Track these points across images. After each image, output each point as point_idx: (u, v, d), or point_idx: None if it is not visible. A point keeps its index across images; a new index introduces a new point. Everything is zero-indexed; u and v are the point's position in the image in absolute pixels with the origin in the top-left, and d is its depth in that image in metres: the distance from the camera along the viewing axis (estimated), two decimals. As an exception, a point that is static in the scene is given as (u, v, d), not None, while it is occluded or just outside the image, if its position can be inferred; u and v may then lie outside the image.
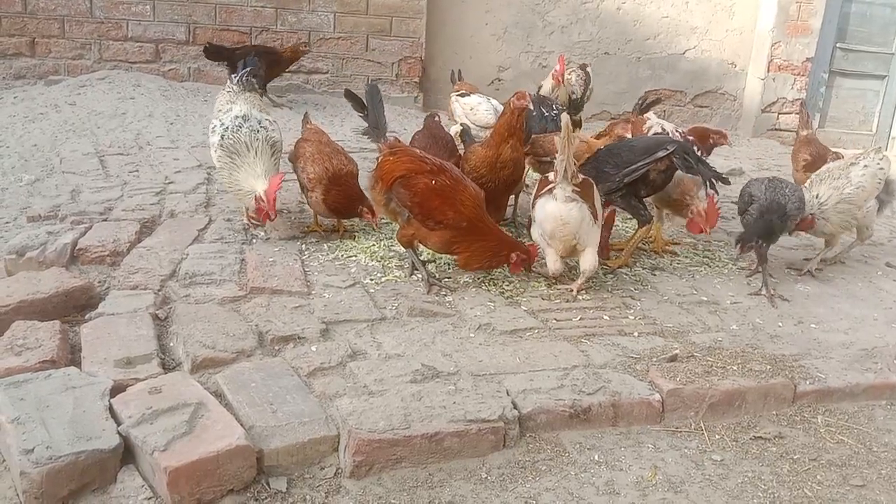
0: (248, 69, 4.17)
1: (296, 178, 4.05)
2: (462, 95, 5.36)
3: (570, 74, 6.06)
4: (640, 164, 3.72)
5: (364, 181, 3.86)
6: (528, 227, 3.75)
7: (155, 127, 5.66)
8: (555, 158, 3.47)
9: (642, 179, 3.77)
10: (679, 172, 3.81)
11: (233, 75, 4.18)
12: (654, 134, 4.38)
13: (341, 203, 3.81)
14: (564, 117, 3.35)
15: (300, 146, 4.03)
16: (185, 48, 6.92)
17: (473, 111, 5.16)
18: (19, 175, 4.54)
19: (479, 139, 4.75)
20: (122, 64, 6.81)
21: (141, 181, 4.51)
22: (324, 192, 3.78)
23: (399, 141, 3.81)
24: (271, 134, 3.87)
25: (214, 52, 6.34)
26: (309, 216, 4.22)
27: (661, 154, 3.70)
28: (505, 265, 3.51)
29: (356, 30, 7.19)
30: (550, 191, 3.42)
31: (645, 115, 4.80)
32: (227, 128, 3.81)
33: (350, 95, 4.10)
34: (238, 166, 3.76)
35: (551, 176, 3.48)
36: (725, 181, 3.82)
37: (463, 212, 3.38)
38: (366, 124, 3.99)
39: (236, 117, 3.85)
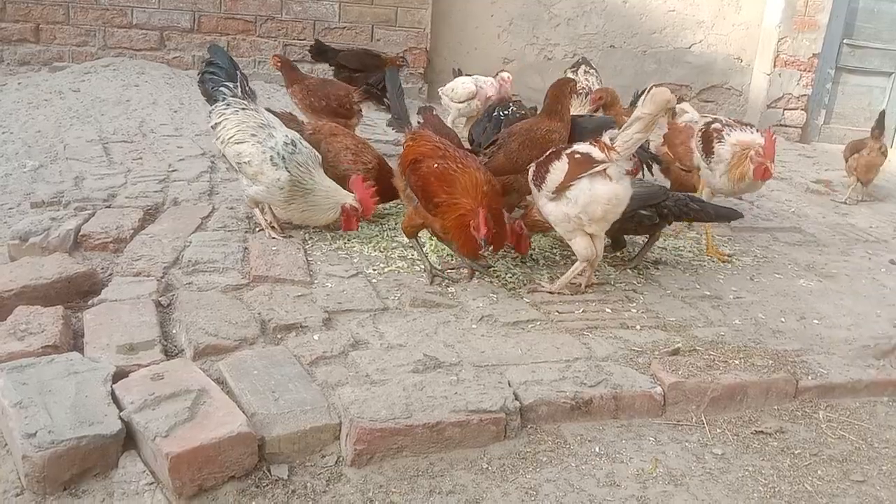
0: (243, 75, 3.90)
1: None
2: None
3: (587, 78, 5.96)
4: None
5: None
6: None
7: (159, 115, 5.66)
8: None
9: None
10: None
11: (230, 84, 3.79)
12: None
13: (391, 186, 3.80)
14: (658, 90, 3.16)
15: (331, 141, 4.03)
16: (190, 36, 6.91)
17: (454, 91, 5.30)
18: (23, 161, 4.54)
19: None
20: (126, 51, 6.81)
21: (144, 168, 4.50)
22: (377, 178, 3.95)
23: (424, 129, 3.77)
24: (316, 152, 3.73)
25: (319, 53, 6.29)
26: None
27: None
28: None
29: (361, 20, 7.17)
30: (591, 171, 3.21)
31: (680, 107, 4.79)
32: (285, 158, 3.56)
33: (368, 90, 4.06)
34: (311, 190, 3.61)
35: (594, 153, 3.24)
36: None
37: (454, 195, 3.24)
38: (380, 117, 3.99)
39: (286, 144, 3.60)
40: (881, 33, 8.28)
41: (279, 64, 5.18)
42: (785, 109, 8.25)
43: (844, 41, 8.22)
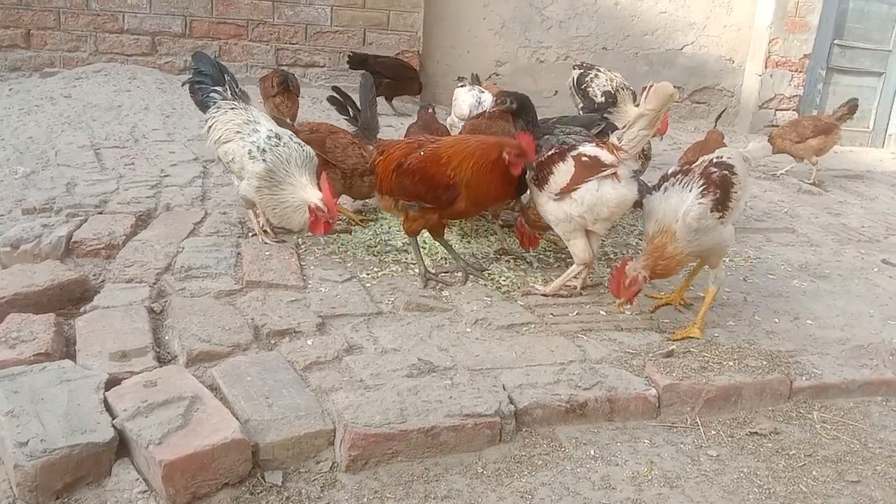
0: (232, 76, 3.87)
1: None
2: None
3: (614, 76, 5.89)
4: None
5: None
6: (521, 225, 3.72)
7: (151, 120, 5.64)
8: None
9: None
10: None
11: (219, 87, 3.77)
12: None
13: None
14: (660, 84, 3.10)
15: (335, 138, 4.00)
16: (182, 41, 6.89)
17: (454, 101, 5.34)
18: (14, 167, 4.51)
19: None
20: (117, 56, 6.78)
21: (137, 174, 4.49)
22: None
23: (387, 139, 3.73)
24: (307, 148, 3.60)
25: (358, 62, 6.54)
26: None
27: (594, 131, 3.86)
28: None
29: (353, 23, 7.16)
30: (601, 175, 3.18)
31: None
32: (265, 150, 3.47)
33: (334, 100, 3.98)
34: (279, 182, 3.46)
35: (602, 156, 3.20)
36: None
37: (452, 158, 3.25)
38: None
39: (269, 137, 3.51)
40: (871, 34, 8.33)
41: None
42: (777, 110, 8.29)
43: (835, 42, 8.27)
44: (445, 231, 3.69)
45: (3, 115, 5.47)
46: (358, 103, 4.17)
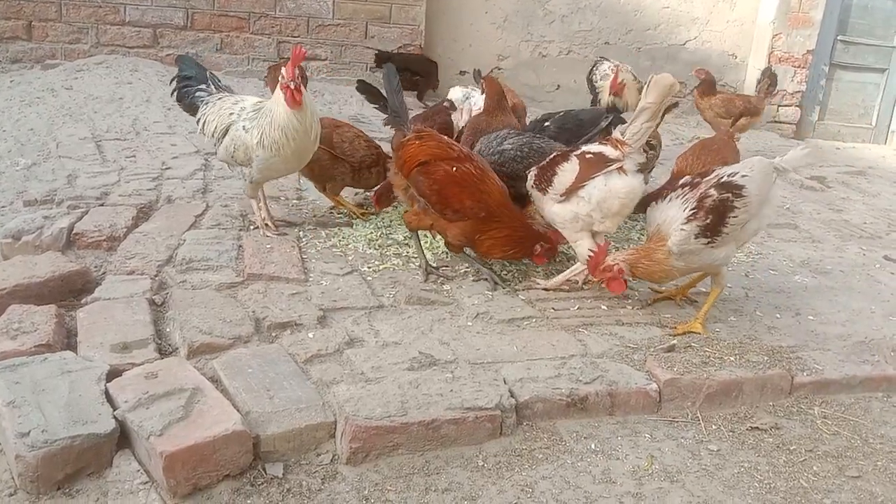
0: (210, 72, 3.87)
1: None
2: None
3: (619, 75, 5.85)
4: (589, 135, 3.86)
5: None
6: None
7: (152, 112, 5.64)
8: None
9: None
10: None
11: (203, 86, 3.75)
12: None
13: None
14: (660, 76, 3.10)
15: (340, 132, 4.00)
16: (184, 33, 6.89)
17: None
18: (16, 159, 4.51)
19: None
20: (119, 49, 6.78)
21: (138, 166, 4.49)
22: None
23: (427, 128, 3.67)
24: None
25: (384, 59, 6.52)
26: (305, 204, 4.23)
27: (603, 124, 3.90)
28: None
29: (355, 16, 7.15)
30: (607, 170, 3.18)
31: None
32: (253, 119, 3.51)
33: (364, 88, 3.97)
34: (270, 123, 3.45)
35: (606, 152, 3.21)
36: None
37: (483, 199, 3.27)
38: (376, 114, 3.91)
39: (255, 109, 3.55)
40: (875, 30, 8.32)
41: None
42: (779, 106, 8.27)
43: (838, 38, 8.25)
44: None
45: (5, 106, 5.47)
46: (384, 93, 4.13)
